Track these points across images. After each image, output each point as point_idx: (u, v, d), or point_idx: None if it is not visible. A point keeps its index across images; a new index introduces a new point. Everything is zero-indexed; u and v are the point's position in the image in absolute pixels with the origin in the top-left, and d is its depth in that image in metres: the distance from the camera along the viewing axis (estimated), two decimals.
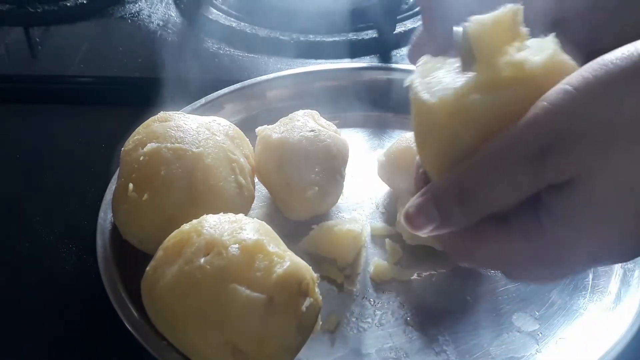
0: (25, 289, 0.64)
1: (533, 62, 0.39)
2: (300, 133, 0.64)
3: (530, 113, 0.37)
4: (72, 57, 0.89)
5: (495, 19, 0.40)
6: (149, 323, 0.52)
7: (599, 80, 0.36)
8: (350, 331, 0.57)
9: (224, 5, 1.00)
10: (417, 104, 0.42)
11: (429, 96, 0.41)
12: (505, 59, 0.39)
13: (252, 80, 0.80)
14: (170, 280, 0.50)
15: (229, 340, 0.48)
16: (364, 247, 0.64)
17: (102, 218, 0.62)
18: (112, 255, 0.59)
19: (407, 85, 0.43)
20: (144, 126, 0.61)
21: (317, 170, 0.63)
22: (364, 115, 0.80)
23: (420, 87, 0.42)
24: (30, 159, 0.78)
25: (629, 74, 0.35)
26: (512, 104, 0.38)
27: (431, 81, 0.42)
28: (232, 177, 0.60)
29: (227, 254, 0.49)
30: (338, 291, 0.61)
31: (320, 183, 0.63)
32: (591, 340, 0.56)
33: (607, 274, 0.62)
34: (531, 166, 0.37)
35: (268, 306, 0.48)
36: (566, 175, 0.36)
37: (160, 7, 1.01)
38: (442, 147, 0.41)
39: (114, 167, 0.63)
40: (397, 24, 0.94)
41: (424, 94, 0.41)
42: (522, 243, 0.39)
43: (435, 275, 0.62)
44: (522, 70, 0.38)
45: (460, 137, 0.40)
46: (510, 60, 0.39)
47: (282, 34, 0.93)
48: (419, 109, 0.42)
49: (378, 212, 0.69)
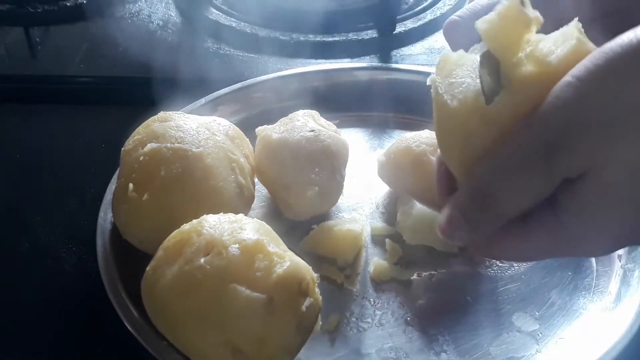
0: (25, 289, 0.64)
1: (556, 56, 0.37)
2: (300, 133, 0.65)
3: (537, 110, 0.37)
4: (72, 57, 0.89)
5: (501, 14, 0.39)
6: (149, 323, 0.52)
7: (600, 68, 0.35)
8: (350, 331, 0.57)
9: (224, 5, 1.00)
10: (438, 104, 0.42)
11: (450, 98, 0.41)
12: (524, 54, 0.38)
13: (252, 80, 0.80)
14: (170, 280, 0.50)
15: (229, 341, 0.48)
16: (364, 247, 0.64)
17: (102, 218, 0.62)
18: (112, 255, 0.59)
19: (428, 84, 0.43)
20: (144, 126, 0.61)
21: (317, 170, 0.63)
22: (364, 115, 0.80)
23: (441, 87, 0.42)
24: (30, 159, 0.79)
25: (628, 60, 0.35)
26: (532, 101, 0.37)
27: (452, 82, 0.41)
28: (232, 177, 0.60)
29: (227, 254, 0.49)
30: (338, 291, 0.61)
31: (320, 183, 0.63)
32: (591, 340, 0.55)
33: (607, 274, 0.62)
34: (542, 164, 0.36)
35: (268, 306, 0.48)
36: (577, 169, 0.36)
37: (160, 7, 1.01)
38: (464, 146, 0.40)
39: (114, 167, 0.63)
40: (397, 24, 0.94)
41: (445, 95, 0.41)
42: (543, 239, 0.39)
43: (435, 275, 0.62)
44: (545, 65, 0.37)
45: (481, 137, 0.39)
46: (532, 55, 0.38)
47: (282, 34, 0.93)
48: (439, 109, 0.42)
49: (378, 212, 0.69)
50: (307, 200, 0.63)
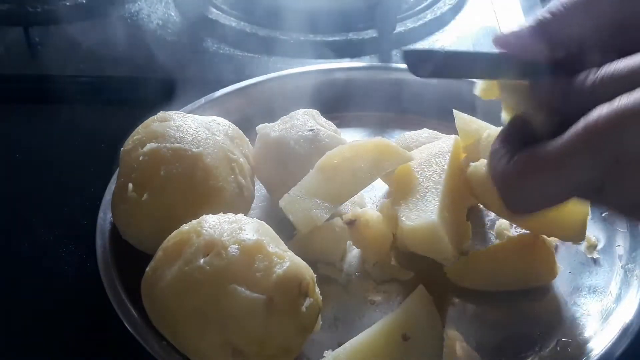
0: (25, 289, 0.64)
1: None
2: (298, 132, 0.64)
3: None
4: (72, 57, 0.89)
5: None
6: (149, 323, 0.52)
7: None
8: (350, 331, 0.57)
9: (224, 5, 1.00)
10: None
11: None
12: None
13: (252, 80, 0.80)
14: (170, 280, 0.50)
15: (229, 341, 0.48)
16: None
17: (102, 218, 0.62)
18: (111, 256, 0.59)
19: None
20: (143, 126, 0.61)
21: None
22: (364, 115, 0.80)
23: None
24: (30, 158, 0.78)
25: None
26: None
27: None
28: (231, 177, 0.60)
29: (226, 254, 0.49)
30: (338, 291, 0.61)
31: None
32: (591, 340, 0.56)
33: (607, 274, 0.62)
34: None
35: (268, 306, 0.48)
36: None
37: (159, 6, 1.01)
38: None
39: (114, 167, 0.63)
40: (397, 24, 0.94)
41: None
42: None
43: (435, 275, 0.62)
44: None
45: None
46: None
47: (282, 34, 0.93)
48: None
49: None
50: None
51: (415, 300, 0.56)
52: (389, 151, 0.60)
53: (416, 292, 0.56)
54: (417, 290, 0.57)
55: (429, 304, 0.56)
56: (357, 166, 0.59)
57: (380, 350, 0.52)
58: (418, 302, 0.56)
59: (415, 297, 0.56)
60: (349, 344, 0.53)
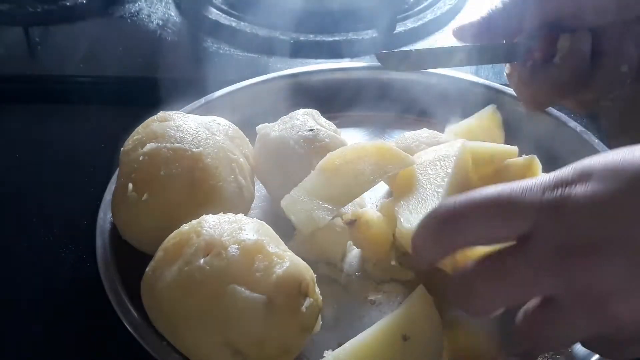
0: (25, 289, 0.64)
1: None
2: (298, 132, 0.64)
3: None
4: (72, 57, 0.89)
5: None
6: (149, 323, 0.52)
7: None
8: (350, 331, 0.57)
9: (224, 5, 1.00)
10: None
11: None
12: None
13: (252, 80, 0.79)
14: (170, 281, 0.50)
15: (229, 341, 0.48)
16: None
17: (101, 218, 0.62)
18: (111, 256, 0.59)
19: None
20: (143, 126, 0.61)
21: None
22: (364, 115, 0.80)
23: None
24: (29, 159, 0.78)
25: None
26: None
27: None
28: (231, 177, 0.60)
29: (226, 254, 0.49)
30: (338, 291, 0.61)
31: None
32: None
33: None
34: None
35: (268, 307, 0.48)
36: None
37: (159, 6, 1.01)
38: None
39: (114, 167, 0.63)
40: (397, 24, 0.94)
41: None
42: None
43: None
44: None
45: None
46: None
47: (282, 34, 0.93)
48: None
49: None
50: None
51: (415, 300, 0.56)
52: (391, 155, 0.60)
53: (416, 292, 0.56)
54: (417, 290, 0.56)
55: (429, 304, 0.56)
56: (359, 169, 0.59)
57: (380, 351, 0.52)
58: (418, 302, 0.56)
59: (415, 297, 0.56)
60: (349, 344, 0.52)
